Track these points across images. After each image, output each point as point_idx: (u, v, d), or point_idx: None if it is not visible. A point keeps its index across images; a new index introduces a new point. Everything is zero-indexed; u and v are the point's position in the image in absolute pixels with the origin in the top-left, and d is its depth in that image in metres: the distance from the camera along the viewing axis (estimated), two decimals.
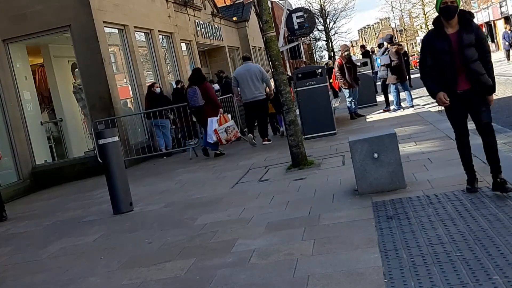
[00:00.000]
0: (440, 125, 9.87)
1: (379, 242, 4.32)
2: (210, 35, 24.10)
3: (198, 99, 11.40)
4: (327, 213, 5.48)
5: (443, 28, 5.10)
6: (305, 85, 11.63)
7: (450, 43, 5.00)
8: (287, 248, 4.65)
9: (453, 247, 3.90)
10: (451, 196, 5.21)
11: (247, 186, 7.84)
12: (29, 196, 11.89)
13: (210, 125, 11.26)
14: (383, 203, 5.41)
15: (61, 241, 6.62)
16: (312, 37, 50.47)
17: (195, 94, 11.41)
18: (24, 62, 13.79)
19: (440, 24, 5.14)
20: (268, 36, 8.52)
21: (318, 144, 10.51)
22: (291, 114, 8.44)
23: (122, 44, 14.87)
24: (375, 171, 5.82)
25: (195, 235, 5.66)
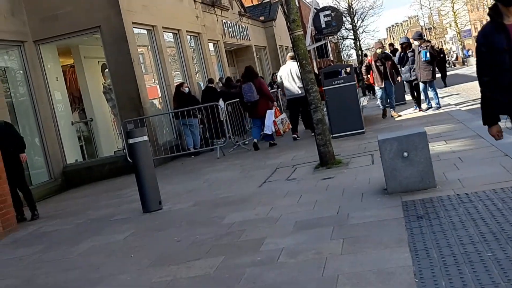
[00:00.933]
0: (470, 123, 9.73)
1: (409, 241, 4.28)
2: (237, 34, 24.16)
3: (253, 94, 12.12)
4: (356, 212, 5.45)
5: (501, 18, 3.72)
6: (333, 84, 11.58)
7: (509, 38, 3.66)
8: (315, 247, 4.64)
9: (484, 246, 3.85)
10: (482, 195, 5.14)
11: (275, 185, 7.84)
12: (60, 195, 12.08)
13: (269, 117, 12.10)
14: (413, 203, 5.36)
15: (91, 239, 6.72)
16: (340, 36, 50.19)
17: (250, 89, 12.12)
18: (55, 62, 14.00)
19: (498, 13, 3.74)
20: (296, 35, 8.51)
21: (346, 143, 10.46)
22: (319, 113, 8.42)
23: (151, 45, 15.01)
24: (405, 170, 5.77)
25: (224, 233, 5.68)
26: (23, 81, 12.82)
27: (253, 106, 12.41)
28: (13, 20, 12.39)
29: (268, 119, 12.18)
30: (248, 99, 12.25)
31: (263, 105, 12.28)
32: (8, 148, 8.75)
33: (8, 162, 8.55)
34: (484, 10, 60.38)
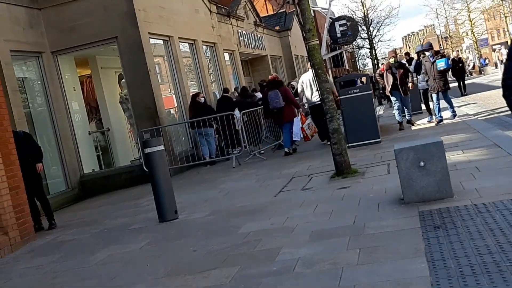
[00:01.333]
0: (487, 133, 9.66)
1: (426, 251, 4.25)
2: (252, 44, 24.26)
3: (279, 100, 12.50)
4: (372, 222, 5.42)
5: None
6: (349, 93, 11.57)
7: None
8: (332, 257, 4.62)
9: (502, 257, 3.81)
10: (499, 205, 5.09)
11: (291, 194, 7.83)
12: (77, 204, 12.17)
13: (296, 124, 12.58)
14: (430, 212, 5.33)
15: (108, 249, 6.75)
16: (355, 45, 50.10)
17: (276, 96, 12.50)
18: (72, 73, 14.16)
19: None
20: (311, 44, 8.52)
21: (362, 153, 10.42)
22: (335, 122, 8.41)
23: (167, 55, 15.12)
24: (421, 179, 5.74)
25: (240, 243, 5.68)
26: (41, 92, 12.98)
27: (279, 113, 12.72)
28: (31, 32, 12.56)
29: (296, 126, 12.59)
30: (274, 106, 12.58)
31: (288, 112, 12.70)
32: (27, 158, 8.85)
33: (27, 172, 8.65)
34: (500, 19, 60.00)
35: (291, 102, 12.82)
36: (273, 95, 12.59)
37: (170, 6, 15.08)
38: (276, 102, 12.53)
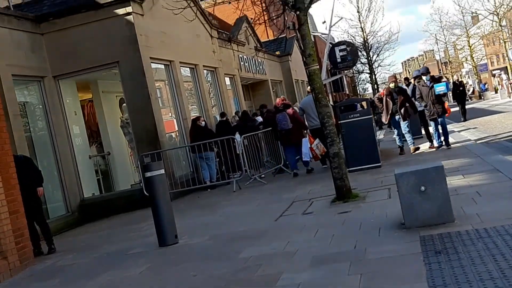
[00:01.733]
0: (488, 158, 9.67)
1: (428, 277, 4.23)
2: (253, 69, 24.40)
3: (287, 122, 13.06)
4: (373, 247, 5.40)
5: None
6: (349, 118, 11.61)
7: None
8: (333, 282, 4.59)
9: (504, 283, 3.79)
10: (501, 230, 5.07)
11: (291, 219, 7.81)
12: (77, 229, 12.12)
13: (305, 145, 12.99)
14: (431, 237, 5.30)
15: (108, 273, 6.71)
16: (355, 70, 50.37)
17: (285, 118, 13.08)
18: (73, 97, 14.22)
19: None
20: (311, 69, 8.57)
21: (362, 177, 10.41)
22: (335, 146, 8.43)
23: (168, 79, 15.20)
24: (422, 204, 5.73)
25: (240, 268, 5.65)
26: (42, 116, 13.02)
27: (287, 134, 13.17)
28: (33, 56, 12.65)
29: (304, 147, 13.01)
30: (283, 127, 13.11)
31: (296, 133, 13.03)
32: (27, 182, 8.84)
33: (26, 196, 8.64)
34: (500, 45, 60.34)
35: (299, 123, 13.14)
36: (281, 117, 13.14)
37: (172, 31, 15.20)
38: (284, 124, 13.04)
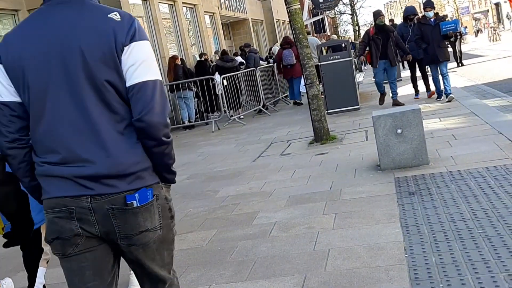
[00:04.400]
0: (465, 101, 9.74)
1: (401, 217, 4.31)
2: (234, 7, 23.96)
3: (293, 58, 14.19)
4: (348, 188, 5.48)
5: None
6: (329, 59, 11.54)
7: None
8: (308, 221, 4.67)
9: (475, 224, 3.88)
10: (474, 173, 5.17)
11: (269, 159, 7.86)
12: None
13: (298, 83, 14.46)
14: (406, 179, 5.39)
15: None
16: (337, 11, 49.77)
17: (291, 54, 14.23)
18: None
19: None
20: (293, 8, 8.44)
21: (341, 119, 10.46)
22: (314, 88, 8.40)
23: (146, 16, 14.87)
24: (398, 146, 5.79)
25: (217, 207, 5.71)
26: None
27: (291, 68, 14.47)
28: None
29: (301, 85, 14.05)
30: (288, 62, 14.43)
31: (299, 68, 13.46)
32: None
33: None
34: None
35: None
36: (287, 52, 14.39)
37: None
38: (290, 59, 14.34)
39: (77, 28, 1.98)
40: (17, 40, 2.03)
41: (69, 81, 1.97)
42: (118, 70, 1.98)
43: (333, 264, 3.65)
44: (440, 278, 3.14)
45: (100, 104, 1.97)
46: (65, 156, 1.98)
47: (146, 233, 2.05)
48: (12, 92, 2.02)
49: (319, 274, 3.53)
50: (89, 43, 1.96)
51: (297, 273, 3.62)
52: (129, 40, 1.98)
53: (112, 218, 2.00)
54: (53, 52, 1.97)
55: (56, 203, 2.01)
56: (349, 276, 3.41)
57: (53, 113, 1.98)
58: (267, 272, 3.75)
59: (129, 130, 2.02)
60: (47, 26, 2.00)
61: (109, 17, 2.02)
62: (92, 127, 1.96)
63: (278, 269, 3.76)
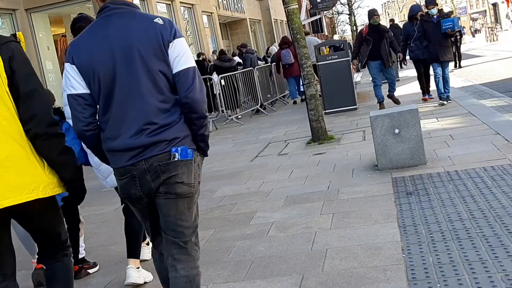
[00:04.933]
0: (462, 101, 9.75)
1: (398, 217, 4.32)
2: (231, 7, 23.95)
3: (291, 57, 14.45)
4: (346, 188, 5.48)
5: None
6: (327, 59, 11.54)
7: None
8: (305, 221, 4.67)
9: (473, 224, 3.89)
10: (472, 173, 5.17)
11: (267, 159, 7.85)
12: None
13: (295, 82, 14.94)
14: (403, 179, 5.39)
15: (82, 210, 6.69)
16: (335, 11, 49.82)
17: (289, 54, 14.57)
18: (46, 32, 13.86)
19: None
20: (290, 8, 8.44)
21: (338, 119, 10.46)
22: (312, 88, 8.40)
23: None
24: (396, 146, 5.79)
25: (215, 206, 5.71)
26: None
27: (289, 67, 14.84)
28: None
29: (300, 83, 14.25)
30: (287, 62, 14.80)
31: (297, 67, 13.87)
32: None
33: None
34: None
35: None
36: (285, 52, 14.75)
37: None
38: (288, 58, 14.67)
39: (132, 31, 2.56)
40: (84, 45, 2.61)
41: (130, 73, 2.55)
42: (166, 61, 2.57)
43: (330, 264, 3.65)
44: (438, 278, 3.14)
45: (153, 89, 2.56)
46: (125, 131, 2.57)
47: (182, 185, 2.60)
48: (84, 86, 2.58)
49: (316, 274, 3.53)
50: (143, 43, 2.55)
51: (294, 273, 3.62)
52: (172, 37, 2.57)
53: (160, 173, 2.57)
54: (116, 52, 2.55)
55: (123, 171, 2.62)
56: (346, 276, 3.41)
57: (119, 98, 2.56)
58: (264, 272, 3.75)
59: (174, 108, 2.60)
60: (109, 32, 2.58)
61: (154, 22, 2.59)
62: (146, 108, 2.55)
63: (275, 269, 3.76)
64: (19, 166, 2.60)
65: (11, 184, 2.57)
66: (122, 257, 4.67)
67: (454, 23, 9.58)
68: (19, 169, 2.60)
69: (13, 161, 2.59)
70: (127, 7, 2.64)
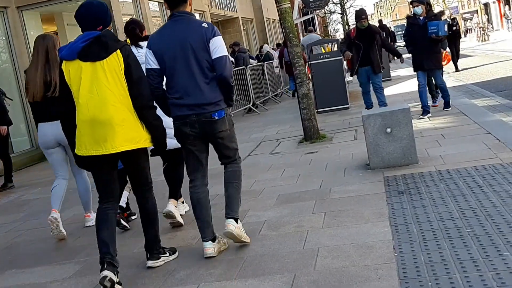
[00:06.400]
0: (454, 101, 9.77)
1: (390, 216, 4.32)
2: (224, 5, 23.91)
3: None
4: (338, 187, 5.48)
5: None
6: (319, 58, 11.56)
7: None
8: (297, 220, 4.67)
9: (464, 222, 3.90)
10: (463, 172, 5.19)
11: (259, 158, 7.85)
12: (41, 164, 11.97)
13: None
14: (395, 178, 5.40)
15: (73, 209, 6.69)
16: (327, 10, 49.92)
17: None
18: (38, 29, 13.75)
19: None
20: (283, 7, 8.44)
21: (330, 118, 10.47)
22: (304, 87, 8.40)
23: (136, 14, 14.79)
24: (388, 146, 5.80)
25: None
26: (5, 48, 12.61)
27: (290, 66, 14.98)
28: None
29: None
30: (287, 59, 14.20)
31: None
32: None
33: None
34: None
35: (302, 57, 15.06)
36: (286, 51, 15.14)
37: None
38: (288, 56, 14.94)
39: (187, 31, 4.04)
40: (158, 38, 4.14)
41: (185, 59, 4.01)
42: (208, 51, 4.01)
43: (322, 263, 3.65)
44: (429, 277, 3.14)
45: (199, 70, 4.02)
46: (182, 95, 4.05)
47: (222, 132, 4.14)
48: (156, 64, 4.06)
49: (308, 273, 3.53)
50: (194, 40, 4.00)
51: (286, 272, 3.61)
52: (212, 36, 4.00)
53: (205, 125, 4.08)
54: (177, 44, 4.02)
55: (180, 118, 4.09)
56: (338, 275, 3.41)
57: (178, 74, 4.04)
58: (256, 271, 3.74)
59: (212, 82, 4.06)
60: (173, 30, 4.07)
61: (202, 25, 4.06)
62: (195, 80, 4.02)
63: (267, 268, 3.75)
64: (130, 126, 3.86)
65: (125, 137, 3.83)
66: None
67: (438, 28, 8.38)
68: (130, 128, 3.85)
69: (127, 122, 3.84)
70: (186, 15, 4.13)
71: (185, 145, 4.18)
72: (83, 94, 3.81)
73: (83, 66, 3.81)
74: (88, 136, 3.83)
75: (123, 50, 3.84)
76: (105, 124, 3.78)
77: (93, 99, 3.80)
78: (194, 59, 3.97)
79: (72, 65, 3.84)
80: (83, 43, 3.86)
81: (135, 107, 3.88)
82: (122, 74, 3.81)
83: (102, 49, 3.80)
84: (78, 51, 3.83)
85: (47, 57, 5.36)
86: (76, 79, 3.83)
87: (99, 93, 3.79)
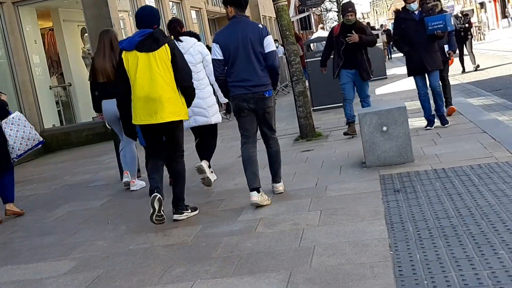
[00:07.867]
0: None
1: (386, 214, 4.33)
2: (220, 3, 23.85)
3: (299, 50, 14.94)
4: (334, 185, 5.49)
5: None
6: (315, 56, 11.55)
7: None
8: (293, 218, 4.67)
9: (459, 221, 3.91)
10: (459, 171, 5.20)
11: None
12: (37, 160, 11.97)
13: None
14: (391, 177, 5.41)
15: (69, 205, 6.69)
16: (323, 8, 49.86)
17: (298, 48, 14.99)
18: (33, 25, 13.72)
19: None
20: (280, 5, 8.43)
21: (326, 116, 10.48)
22: (301, 85, 8.40)
23: (132, 10, 14.76)
24: (384, 144, 5.81)
25: (202, 202, 5.69)
26: (1, 43, 12.57)
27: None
28: None
29: None
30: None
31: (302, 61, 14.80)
32: None
33: None
34: None
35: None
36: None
37: None
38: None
39: (247, 30, 5.11)
40: (223, 34, 5.27)
41: (245, 51, 5.10)
42: (262, 46, 5.11)
43: (318, 261, 3.65)
44: (425, 275, 3.15)
45: (256, 60, 5.11)
46: (241, 79, 5.13)
47: (269, 107, 5.24)
48: (221, 55, 5.15)
49: (304, 271, 3.53)
50: (253, 37, 5.09)
51: (282, 269, 3.61)
52: (265, 35, 5.12)
53: (258, 101, 5.17)
54: (239, 39, 5.09)
55: (238, 96, 5.19)
56: (334, 273, 3.42)
57: (239, 63, 5.12)
58: (252, 268, 3.74)
59: (265, 70, 5.16)
60: (235, 29, 5.14)
61: (258, 26, 5.19)
62: (253, 67, 5.11)
63: (263, 265, 3.75)
64: (174, 102, 4.92)
65: (170, 111, 4.89)
66: (109, 252, 4.65)
67: (446, 22, 7.14)
68: (174, 104, 4.92)
69: (172, 99, 4.90)
70: (245, 17, 5.24)
71: (241, 116, 5.26)
72: (140, 77, 4.86)
73: (139, 55, 4.86)
74: (142, 109, 4.92)
75: (170, 44, 4.92)
76: (156, 101, 4.85)
77: (147, 81, 4.85)
78: (253, 51, 5.06)
79: (130, 55, 4.89)
80: (140, 37, 4.88)
81: (179, 86, 4.96)
82: (169, 63, 4.88)
83: (154, 43, 4.84)
84: (136, 43, 4.87)
85: (111, 46, 6.65)
86: (133, 66, 4.88)
87: (151, 77, 4.84)
